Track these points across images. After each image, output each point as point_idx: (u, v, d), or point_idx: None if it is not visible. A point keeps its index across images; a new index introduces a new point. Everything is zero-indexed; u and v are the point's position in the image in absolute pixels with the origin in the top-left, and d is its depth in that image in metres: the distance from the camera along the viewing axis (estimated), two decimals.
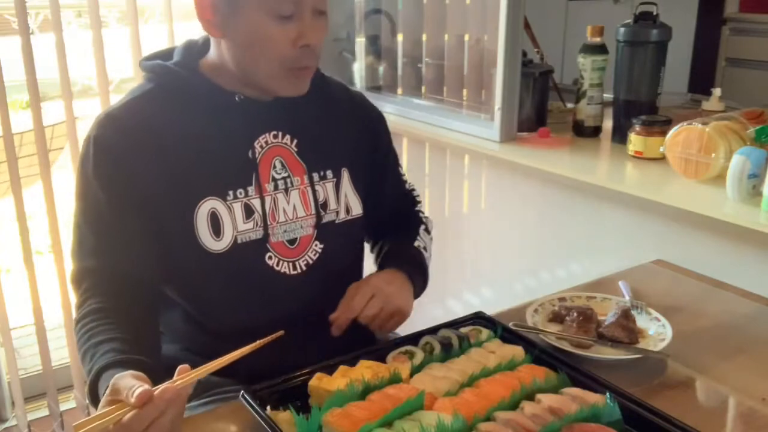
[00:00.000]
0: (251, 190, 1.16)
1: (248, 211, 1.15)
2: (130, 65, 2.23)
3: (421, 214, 1.42)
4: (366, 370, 0.95)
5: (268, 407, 0.89)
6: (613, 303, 1.22)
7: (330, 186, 1.24)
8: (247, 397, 0.90)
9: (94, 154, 1.11)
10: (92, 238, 1.10)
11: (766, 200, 1.44)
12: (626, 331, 1.10)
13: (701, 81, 3.45)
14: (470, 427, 0.86)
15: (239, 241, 1.14)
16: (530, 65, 2.09)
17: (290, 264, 1.18)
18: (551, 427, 0.85)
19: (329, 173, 1.24)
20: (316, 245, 1.21)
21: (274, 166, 1.18)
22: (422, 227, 1.38)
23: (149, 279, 1.11)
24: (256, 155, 1.17)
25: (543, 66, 2.14)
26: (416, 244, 1.33)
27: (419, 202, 1.45)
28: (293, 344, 1.04)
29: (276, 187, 1.18)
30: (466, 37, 2.10)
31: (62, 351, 2.44)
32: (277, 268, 1.17)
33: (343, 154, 1.26)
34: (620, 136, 1.93)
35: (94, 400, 0.96)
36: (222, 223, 1.13)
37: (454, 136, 2.10)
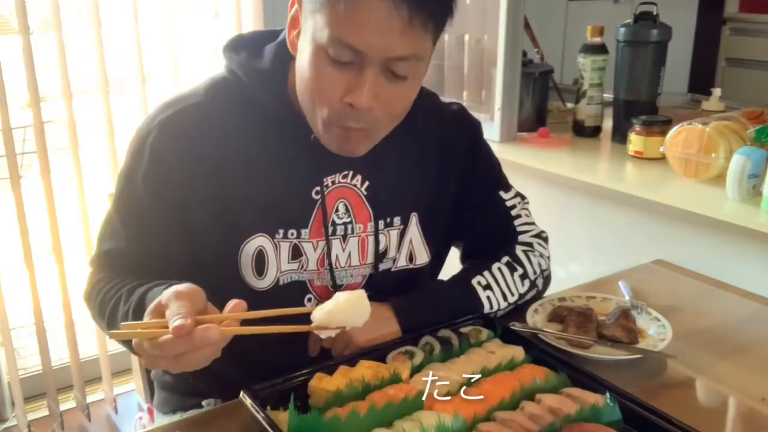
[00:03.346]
0: (305, 232, 1.06)
1: (296, 253, 1.07)
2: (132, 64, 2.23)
3: (520, 249, 1.21)
4: (366, 370, 0.95)
5: (268, 407, 0.89)
6: (613, 303, 1.22)
7: (395, 234, 1.13)
8: (247, 397, 0.90)
9: (149, 163, 1.02)
10: (122, 229, 1.05)
11: (766, 200, 1.44)
12: (626, 331, 1.10)
13: (701, 81, 3.45)
14: (470, 427, 0.86)
15: (281, 282, 1.07)
16: (530, 65, 2.09)
17: None
18: (551, 427, 0.85)
19: (397, 220, 1.13)
20: None
21: (337, 210, 1.08)
22: (499, 262, 1.18)
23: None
24: (320, 196, 1.06)
25: (543, 66, 2.15)
26: (475, 281, 1.15)
27: (525, 233, 1.23)
28: (294, 345, 1.04)
29: (334, 232, 1.08)
30: (466, 37, 2.10)
31: (62, 351, 2.44)
32: None
33: (418, 194, 1.14)
34: (620, 136, 1.93)
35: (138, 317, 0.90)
36: (267, 262, 1.05)
37: None
